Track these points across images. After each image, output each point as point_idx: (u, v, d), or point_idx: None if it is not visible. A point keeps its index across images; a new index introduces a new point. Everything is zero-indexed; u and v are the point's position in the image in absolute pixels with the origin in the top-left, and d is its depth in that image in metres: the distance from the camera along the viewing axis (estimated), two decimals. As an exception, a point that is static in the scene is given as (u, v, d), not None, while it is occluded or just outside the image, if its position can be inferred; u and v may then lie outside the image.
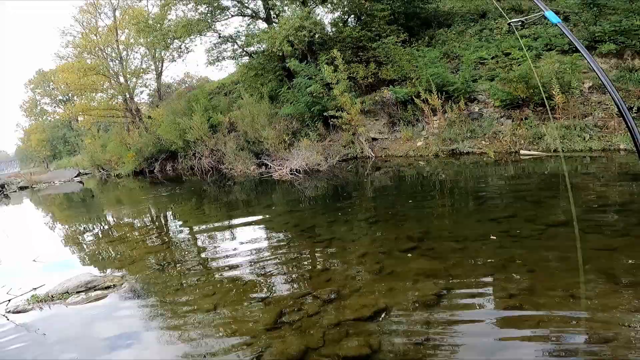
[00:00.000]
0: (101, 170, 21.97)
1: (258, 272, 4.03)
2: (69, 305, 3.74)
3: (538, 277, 3.10)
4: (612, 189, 5.28)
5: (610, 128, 7.35)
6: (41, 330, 3.30)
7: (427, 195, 6.37)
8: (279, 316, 3.09)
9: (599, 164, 6.58)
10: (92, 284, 3.99)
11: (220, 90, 20.31)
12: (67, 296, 3.85)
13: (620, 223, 4.06)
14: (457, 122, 9.21)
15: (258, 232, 5.57)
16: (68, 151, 36.47)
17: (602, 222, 4.12)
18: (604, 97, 7.82)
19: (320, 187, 8.33)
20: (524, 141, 8.08)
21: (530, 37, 9.91)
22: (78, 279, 4.05)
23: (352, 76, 11.07)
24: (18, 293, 4.05)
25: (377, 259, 3.95)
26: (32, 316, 3.60)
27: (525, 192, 5.72)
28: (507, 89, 8.64)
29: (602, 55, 8.74)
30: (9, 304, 3.84)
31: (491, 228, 4.36)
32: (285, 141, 11.39)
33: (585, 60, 1.73)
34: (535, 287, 2.96)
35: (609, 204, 4.69)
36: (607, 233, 3.78)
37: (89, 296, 3.83)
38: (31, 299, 3.85)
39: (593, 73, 8.42)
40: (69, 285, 3.96)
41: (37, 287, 4.13)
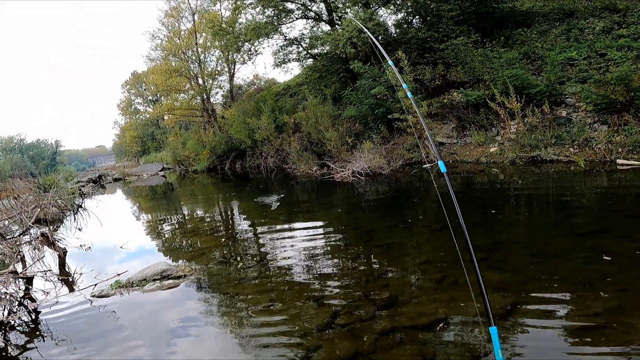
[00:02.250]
0: (181, 166, 24.25)
1: (314, 272, 4.06)
2: (145, 292, 4.15)
3: (629, 297, 2.72)
4: None
5: None
6: (118, 315, 3.69)
7: (501, 205, 5.81)
8: (332, 317, 3.06)
9: None
10: (166, 273, 4.37)
11: (285, 92, 20.91)
12: (145, 283, 4.28)
13: None
14: (539, 128, 8.31)
15: (317, 232, 5.62)
16: (155, 147, 40.83)
17: None
18: None
19: (382, 191, 8.15)
20: (622, 149, 6.98)
21: (630, 37, 8.67)
22: (155, 267, 4.48)
23: (418, 78, 10.66)
24: (104, 278, 4.58)
25: (439, 268, 3.72)
26: (112, 300, 4.04)
27: (621, 206, 4.92)
28: (603, 92, 7.56)
29: None
30: (95, 288, 4.37)
31: (577, 244, 3.84)
32: (347, 143, 11.37)
33: None
34: (624, 308, 2.60)
35: None
36: None
37: (162, 284, 4.21)
38: (114, 285, 4.34)
39: None
40: (148, 272, 4.39)
41: (120, 273, 4.64)
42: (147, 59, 26.69)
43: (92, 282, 4.49)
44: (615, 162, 6.84)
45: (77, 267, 5.01)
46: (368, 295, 3.33)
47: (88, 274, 4.74)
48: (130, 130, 45.58)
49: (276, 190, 10.37)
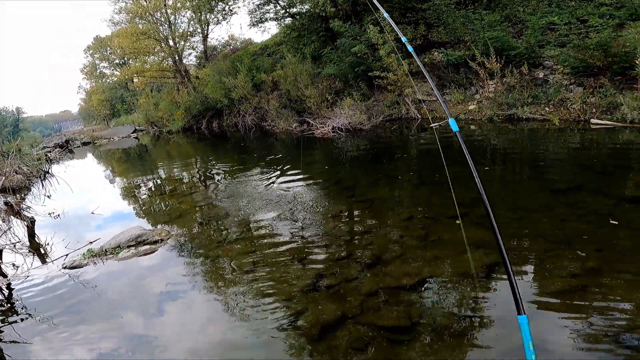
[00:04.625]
0: (154, 127, 23.06)
1: (297, 231, 3.92)
2: (120, 260, 3.87)
3: (607, 258, 2.71)
4: None
5: None
6: (94, 286, 3.44)
7: (478, 160, 5.81)
8: (316, 279, 2.97)
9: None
10: (141, 238, 4.09)
11: (263, 52, 20.00)
12: (119, 250, 3.98)
13: None
14: (517, 87, 8.31)
15: (299, 189, 5.44)
16: (125, 110, 38.55)
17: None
18: None
19: (363, 146, 8.02)
20: (596, 110, 7.05)
21: (613, 5, 8.56)
22: (129, 232, 4.17)
23: (399, 38, 10.31)
24: (75, 247, 4.25)
25: (423, 224, 3.65)
26: (86, 271, 3.76)
27: (593, 163, 5.00)
28: (581, 56, 7.59)
29: None
30: (66, 259, 4.03)
31: (554, 199, 3.86)
32: (327, 100, 11.19)
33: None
34: (603, 269, 2.58)
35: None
36: None
37: (138, 250, 3.94)
38: (87, 254, 4.01)
39: None
40: (121, 239, 4.08)
41: (92, 241, 4.32)
42: (110, 22, 24.25)
43: (62, 252, 4.18)
44: (588, 122, 6.94)
45: (48, 237, 4.66)
46: (352, 255, 3.25)
47: (59, 244, 4.42)
48: (97, 93, 42.71)
49: (256, 148, 10.02)
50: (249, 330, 2.52)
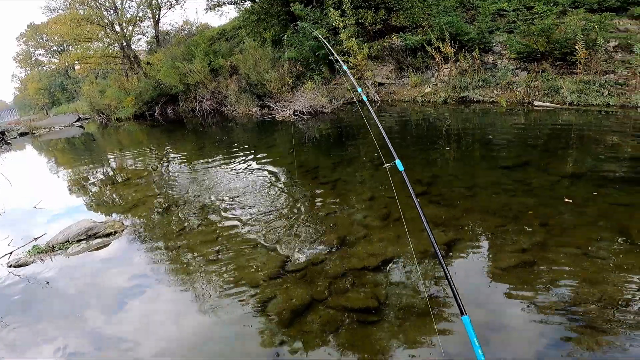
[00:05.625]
0: (101, 115, 21.38)
1: (261, 216, 3.85)
2: (70, 255, 3.58)
3: (551, 232, 2.89)
4: (625, 143, 4.92)
5: (631, 86, 6.81)
6: (46, 285, 3.18)
7: (434, 140, 6.05)
8: (282, 264, 2.94)
9: (615, 118, 6.16)
10: (92, 231, 3.81)
11: (221, 36, 19.28)
12: (68, 245, 3.68)
13: (637, 178, 3.76)
14: (469, 71, 8.70)
15: (261, 172, 5.34)
16: (67, 98, 35.37)
17: (615, 176, 3.83)
18: (628, 57, 7.16)
19: (324, 129, 8.04)
20: (539, 93, 7.57)
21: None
22: (78, 225, 3.87)
23: (360, 22, 10.53)
24: (20, 244, 3.89)
25: (385, 204, 3.73)
26: (34, 269, 3.46)
27: (537, 141, 5.39)
28: (526, 42, 8.04)
29: (634, 17, 7.97)
30: (11, 257, 3.68)
31: (502, 176, 4.11)
32: (288, 84, 11.06)
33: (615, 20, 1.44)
34: (548, 243, 2.75)
35: (621, 158, 4.38)
36: (620, 188, 3.52)
37: (90, 245, 3.67)
38: (32, 250, 3.69)
39: (620, 33, 7.76)
40: (69, 233, 3.78)
41: (38, 236, 3.97)
42: (46, 9, 21.75)
43: (6, 250, 3.82)
44: (532, 104, 7.44)
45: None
46: (317, 238, 3.25)
47: (1, 242, 3.99)
48: (34, 82, 38.63)
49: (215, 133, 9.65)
50: (219, 319, 2.46)
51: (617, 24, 8.00)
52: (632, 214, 3.00)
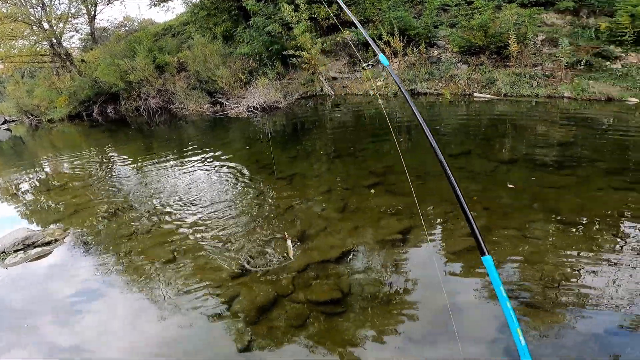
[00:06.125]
0: (30, 116, 19.27)
1: (217, 214, 3.76)
2: (8, 266, 3.27)
3: (493, 215, 3.14)
4: (554, 130, 5.49)
5: (557, 78, 7.58)
6: None
7: (386, 132, 6.30)
8: (245, 262, 2.92)
9: (544, 108, 6.84)
10: (30, 240, 3.49)
11: (167, 32, 18.51)
12: (5, 257, 3.37)
13: (565, 162, 4.22)
14: (416, 65, 9.15)
15: (215, 170, 5.20)
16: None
17: (546, 161, 4.24)
18: (554, 50, 7.95)
19: (280, 124, 8.02)
20: (478, 85, 8.16)
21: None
22: (13, 235, 3.53)
23: (313, 17, 10.61)
24: None
25: (342, 196, 3.82)
26: None
27: (477, 130, 5.82)
28: (467, 36, 8.60)
29: (560, 11, 8.81)
30: None
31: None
32: (241, 80, 10.86)
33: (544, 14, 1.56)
34: (491, 226, 2.98)
35: (550, 144, 4.88)
36: (551, 172, 3.91)
37: (28, 254, 3.36)
38: None
39: (547, 27, 8.59)
40: (4, 243, 3.46)
41: None
42: None
43: None
44: (472, 95, 8.00)
45: None
46: (278, 234, 3.25)
47: None
48: (-55, 84, 33.51)
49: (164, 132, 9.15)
50: (182, 321, 2.39)
51: (544, 18, 8.83)
52: (562, 196, 3.35)
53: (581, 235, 2.79)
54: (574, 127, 5.63)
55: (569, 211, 3.08)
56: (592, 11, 8.57)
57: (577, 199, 3.25)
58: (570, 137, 5.08)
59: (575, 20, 8.61)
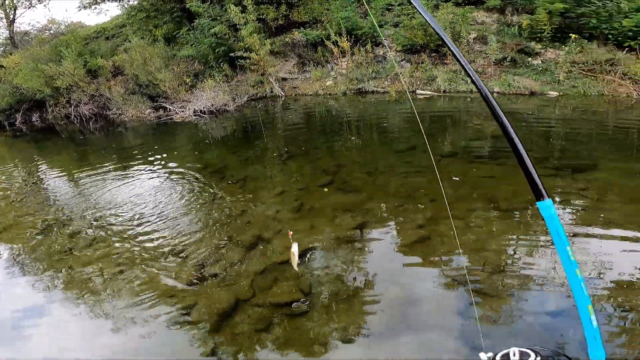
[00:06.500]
0: (-64, 129, 16.84)
1: (167, 223, 3.64)
2: None
3: (439, 207, 3.32)
4: (487, 124, 6.02)
5: (487, 74, 8.31)
6: None
7: (337, 131, 6.49)
8: (199, 270, 2.85)
9: (477, 103, 7.47)
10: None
11: (99, 35, 17.47)
12: None
13: (498, 153, 4.62)
14: (363, 64, 9.51)
15: (162, 178, 5.01)
16: None
17: (481, 153, 4.66)
18: (485, 47, 8.70)
19: (229, 127, 7.90)
20: (420, 82, 8.68)
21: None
22: None
23: (261, 18, 10.59)
24: None
25: (296, 196, 3.88)
26: None
27: (421, 127, 6.18)
28: (409, 35, 9.11)
29: (488, 9, 9.65)
30: None
31: (397, 160, 4.63)
32: (186, 83, 10.53)
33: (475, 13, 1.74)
34: (437, 217, 3.18)
35: (484, 137, 5.37)
36: (487, 162, 4.31)
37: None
38: None
39: (478, 25, 9.37)
40: None
41: None
42: None
43: None
44: (415, 92, 8.49)
45: None
46: (232, 238, 3.23)
47: None
48: None
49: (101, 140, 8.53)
50: (140, 333, 2.31)
51: (476, 16, 9.62)
52: (497, 185, 3.69)
53: (517, 221, 3.06)
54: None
55: (504, 199, 3.37)
56: (516, 9, 9.50)
57: (510, 187, 3.58)
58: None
59: (502, 18, 9.50)
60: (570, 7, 7.97)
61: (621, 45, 7.68)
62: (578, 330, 1.97)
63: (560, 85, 7.56)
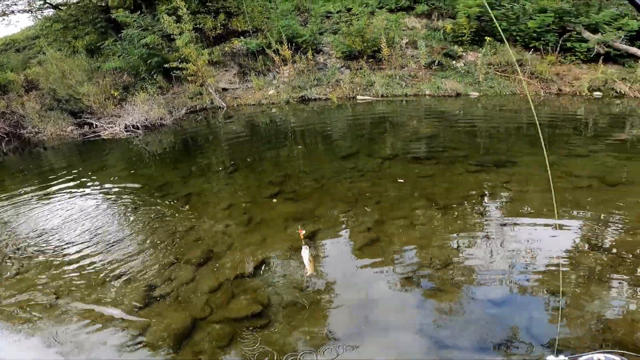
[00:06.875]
0: None
1: (107, 246, 3.46)
2: None
3: (384, 209, 3.58)
4: (421, 125, 6.58)
5: (419, 77, 9.05)
6: None
7: (282, 140, 6.60)
8: (148, 292, 2.77)
9: (412, 105, 8.12)
10: None
11: (8, 47, 16.01)
12: None
13: (432, 152, 5.10)
14: (305, 72, 9.77)
15: (94, 199, 4.71)
16: None
17: (418, 153, 5.07)
18: (415, 52, 9.46)
19: (167, 142, 7.58)
20: (360, 88, 9.16)
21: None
22: None
23: (198, 27, 10.45)
24: None
25: (244, 209, 3.90)
26: None
27: (363, 131, 6.58)
28: (347, 42, 9.59)
29: (418, 15, 10.51)
30: None
31: (342, 165, 4.84)
32: (114, 97, 9.93)
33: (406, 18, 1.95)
34: (384, 219, 3.39)
35: (421, 137, 5.85)
36: (424, 162, 4.69)
37: None
38: None
39: (409, 31, 10.17)
40: None
41: None
42: None
43: None
44: (355, 98, 8.94)
45: None
46: (181, 257, 3.17)
47: None
48: None
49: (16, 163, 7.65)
50: (95, 357, 2.22)
51: (407, 22, 10.43)
52: (434, 183, 4.03)
53: (455, 216, 3.35)
54: (435, 121, 6.87)
55: (441, 196, 3.69)
56: (441, 14, 10.51)
57: (445, 184, 3.95)
58: (434, 130, 6.19)
59: (429, 23, 10.42)
60: (484, 11, 9.03)
61: (528, 46, 8.89)
62: (524, 316, 2.21)
63: (480, 85, 8.51)
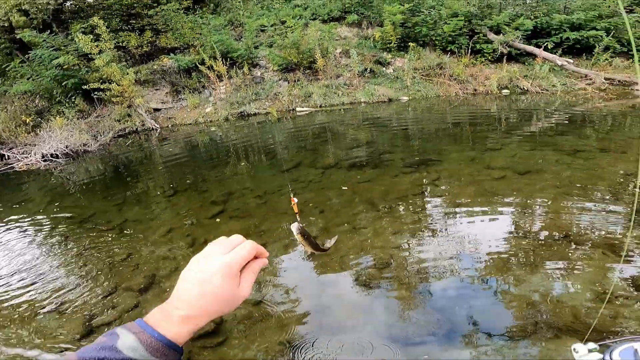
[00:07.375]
0: None
1: (38, 281, 3.28)
2: None
3: (328, 217, 3.76)
4: (359, 132, 7.04)
5: (354, 85, 9.63)
6: None
7: (223, 158, 6.60)
8: (87, 321, 2.70)
9: (350, 114, 8.62)
10: None
11: None
12: None
13: (370, 158, 5.48)
14: (242, 87, 9.88)
15: (17, 234, 4.40)
16: None
17: (357, 160, 5.40)
18: (349, 61, 10.07)
19: (95, 170, 7.16)
20: (298, 100, 9.49)
21: (302, 6, 11.73)
22: None
23: (121, 45, 10.20)
24: None
25: (187, 231, 3.89)
26: None
27: (304, 143, 6.85)
28: (283, 55, 9.89)
29: (349, 24, 11.19)
30: None
31: (284, 179, 4.99)
32: (26, 123, 9.14)
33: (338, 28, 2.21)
34: (328, 226, 3.58)
35: (359, 144, 6.27)
36: (362, 168, 5.03)
37: None
38: None
39: (342, 40, 10.79)
40: None
41: None
42: None
43: None
44: (295, 110, 9.23)
45: None
46: (121, 284, 3.10)
47: None
48: None
49: None
50: None
51: (340, 32, 11.05)
52: (372, 187, 4.34)
53: (394, 217, 3.62)
54: (372, 127, 7.39)
55: (379, 199, 3.98)
56: (370, 22, 11.32)
57: (383, 187, 4.28)
58: (370, 136, 6.65)
59: (360, 32, 11.17)
60: (407, 18, 9.96)
61: (445, 50, 9.95)
62: (478, 305, 2.39)
63: (408, 90, 9.33)
